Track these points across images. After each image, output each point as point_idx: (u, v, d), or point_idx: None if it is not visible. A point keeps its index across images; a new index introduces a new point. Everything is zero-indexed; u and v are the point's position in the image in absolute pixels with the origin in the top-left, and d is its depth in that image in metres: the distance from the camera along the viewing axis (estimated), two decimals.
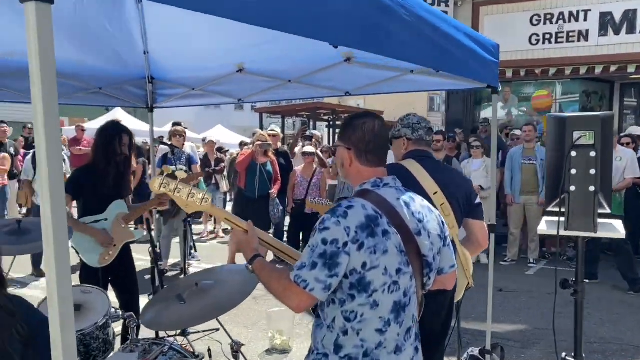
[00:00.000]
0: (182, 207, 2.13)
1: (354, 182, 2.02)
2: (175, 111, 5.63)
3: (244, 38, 4.46)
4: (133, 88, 5.17)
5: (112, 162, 3.73)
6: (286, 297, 1.86)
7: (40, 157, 1.04)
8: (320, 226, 1.82)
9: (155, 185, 2.12)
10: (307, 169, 7.77)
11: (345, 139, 2.00)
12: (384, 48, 2.35)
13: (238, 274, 2.81)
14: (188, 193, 2.10)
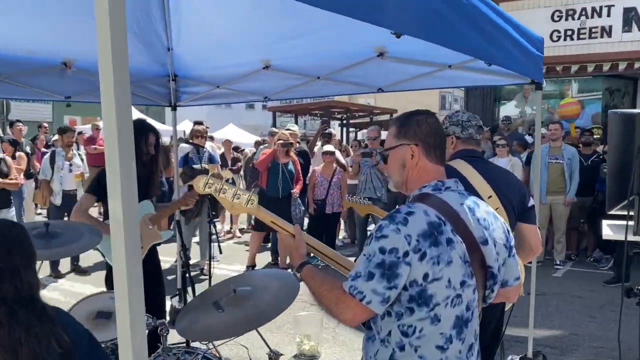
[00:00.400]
0: (227, 208, 1.99)
1: (414, 184, 1.85)
2: (187, 110, 5.48)
3: (271, 33, 4.33)
4: (156, 86, 5.05)
5: (138, 161, 3.59)
6: (339, 309, 1.71)
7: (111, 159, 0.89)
8: (377, 233, 1.67)
9: (200, 184, 1.99)
10: (327, 169, 7.63)
11: (410, 135, 1.84)
12: (444, 37, 2.19)
13: (276, 279, 2.68)
14: (234, 194, 1.96)
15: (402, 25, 1.94)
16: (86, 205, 3.55)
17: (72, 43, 4.09)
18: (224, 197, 1.97)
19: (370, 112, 19.97)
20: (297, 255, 1.94)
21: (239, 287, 2.57)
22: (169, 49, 4.70)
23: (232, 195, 1.96)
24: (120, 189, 0.87)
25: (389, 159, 1.92)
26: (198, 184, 2.00)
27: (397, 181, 1.91)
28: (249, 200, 1.96)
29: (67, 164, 6.98)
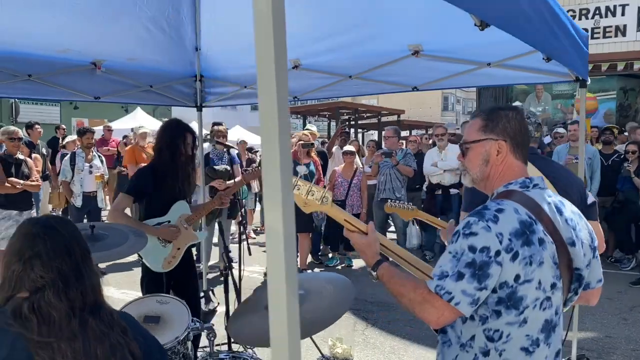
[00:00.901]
0: (300, 205, 1.92)
1: (497, 181, 1.79)
2: (193, 111, 5.40)
3: (302, 32, 4.28)
4: (182, 86, 5.00)
5: (176, 162, 3.54)
6: (424, 310, 1.63)
7: (270, 169, 0.82)
8: (466, 230, 1.60)
9: None
10: (347, 169, 7.56)
11: (499, 131, 1.76)
12: (522, 31, 2.12)
13: (329, 283, 2.61)
14: (307, 191, 1.89)
15: (490, 15, 1.86)
16: (123, 205, 3.49)
17: (102, 43, 4.05)
18: (297, 194, 1.90)
19: (379, 112, 19.90)
20: (370, 253, 1.86)
21: None
22: (197, 48, 4.66)
23: (306, 192, 1.89)
24: (281, 200, 0.80)
25: (469, 152, 1.84)
26: None
27: (476, 177, 1.84)
28: (322, 198, 1.89)
29: (87, 165, 6.93)
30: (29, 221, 1.68)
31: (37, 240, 1.57)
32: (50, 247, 1.57)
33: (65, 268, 1.56)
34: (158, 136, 3.60)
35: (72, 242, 1.62)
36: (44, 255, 1.55)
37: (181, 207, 3.73)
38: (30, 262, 1.54)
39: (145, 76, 4.59)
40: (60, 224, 1.66)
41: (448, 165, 7.54)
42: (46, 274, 1.54)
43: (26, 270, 1.54)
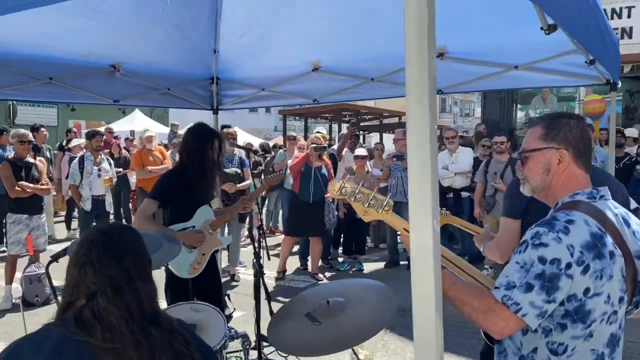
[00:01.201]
0: (360, 214, 1.87)
1: (560, 191, 1.74)
2: (189, 116, 5.34)
3: (322, 34, 4.23)
4: (198, 89, 4.95)
5: (204, 167, 3.48)
6: (488, 319, 1.58)
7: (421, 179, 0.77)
8: (535, 241, 1.55)
9: (335, 188, 1.87)
10: (359, 172, 7.51)
11: (560, 139, 1.72)
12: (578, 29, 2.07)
13: (369, 290, 2.56)
14: (368, 199, 1.84)
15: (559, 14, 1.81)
16: (149, 210, 3.43)
17: (123, 47, 4.01)
18: (358, 203, 1.85)
19: (380, 115, 19.85)
20: None
21: (330, 297, 2.45)
22: (215, 50, 4.61)
23: (367, 200, 1.84)
24: (431, 214, 0.74)
25: (529, 161, 1.80)
26: (333, 187, 1.88)
27: (536, 186, 1.80)
28: (384, 206, 1.84)
29: (96, 169, 6.85)
30: (93, 227, 1.69)
31: (91, 247, 1.56)
32: (102, 253, 1.55)
33: (115, 275, 1.53)
34: (186, 140, 3.53)
35: (124, 250, 1.59)
36: (95, 262, 1.53)
37: (205, 212, 3.67)
38: (84, 268, 1.53)
39: (163, 79, 4.54)
40: (118, 231, 1.65)
41: (459, 168, 7.50)
42: (98, 281, 1.52)
43: (81, 275, 1.53)
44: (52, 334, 1.47)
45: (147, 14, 3.69)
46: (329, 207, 6.88)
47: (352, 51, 4.24)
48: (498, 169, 6.89)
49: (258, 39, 4.40)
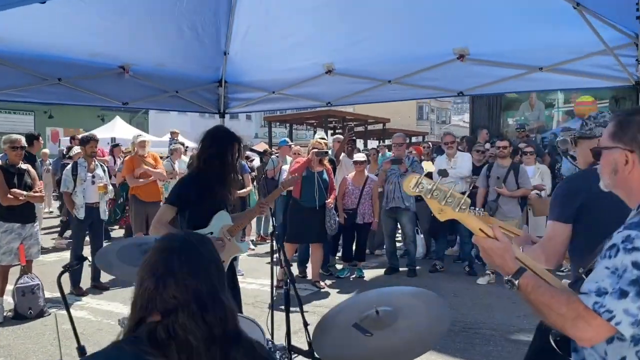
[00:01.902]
0: (435, 212, 1.75)
1: (634, 194, 1.65)
2: (170, 120, 5.20)
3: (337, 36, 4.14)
4: (206, 92, 4.81)
5: (223, 171, 3.34)
6: (576, 327, 1.50)
7: None
8: (628, 245, 1.47)
9: (411, 184, 1.75)
10: (358, 177, 7.41)
11: (627, 140, 1.63)
12: None
13: (416, 298, 2.44)
14: (445, 196, 1.72)
15: None
16: (167, 217, 3.27)
17: (133, 47, 3.86)
18: (434, 200, 1.73)
19: (365, 121, 19.87)
20: (509, 258, 1.69)
21: (378, 306, 2.32)
22: (225, 52, 4.48)
23: (444, 198, 1.73)
24: None
25: (602, 158, 1.73)
26: (409, 184, 1.76)
27: (607, 183, 1.74)
28: (460, 205, 1.72)
29: (90, 175, 6.61)
30: (167, 236, 1.54)
31: (172, 257, 1.41)
32: (186, 265, 1.40)
33: (201, 289, 1.39)
34: (206, 144, 3.37)
35: (208, 260, 1.46)
36: (179, 274, 1.38)
37: (223, 217, 3.52)
38: (164, 280, 1.37)
39: (172, 81, 4.40)
40: (200, 241, 1.50)
41: (459, 173, 7.46)
42: (180, 294, 1.36)
43: (158, 288, 1.37)
44: (124, 353, 1.32)
45: (162, 14, 3.55)
46: (330, 213, 6.77)
47: (368, 53, 4.15)
48: (500, 173, 6.87)
49: (270, 41, 4.29)
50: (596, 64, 3.48)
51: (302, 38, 4.17)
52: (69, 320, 2.70)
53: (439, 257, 7.89)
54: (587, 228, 2.46)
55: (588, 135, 2.69)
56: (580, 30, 3.34)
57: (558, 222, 2.54)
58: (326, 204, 6.72)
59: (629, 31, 3.31)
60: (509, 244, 1.73)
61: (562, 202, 2.54)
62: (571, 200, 2.50)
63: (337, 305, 2.59)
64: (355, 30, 4.06)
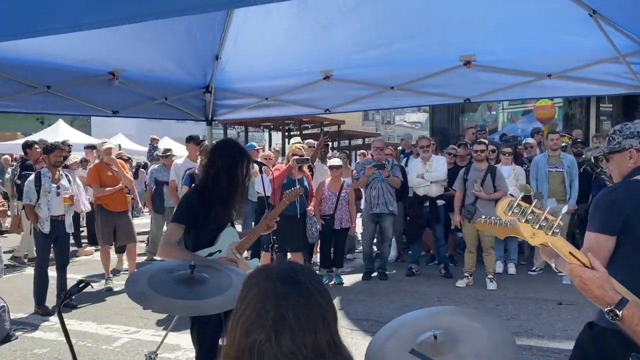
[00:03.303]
0: (527, 237, 1.65)
1: None
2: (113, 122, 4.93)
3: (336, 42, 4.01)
4: (193, 99, 4.55)
5: (232, 188, 3.12)
6: None
7: None
8: None
9: (504, 207, 1.63)
10: (334, 183, 7.29)
11: None
12: None
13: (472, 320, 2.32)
14: (540, 220, 1.62)
15: None
16: (176, 236, 3.03)
17: (123, 51, 3.58)
18: (527, 225, 1.62)
19: (321, 123, 19.78)
20: (610, 288, 1.62)
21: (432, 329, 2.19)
22: (217, 57, 4.25)
23: (537, 222, 1.62)
24: None
25: None
26: (502, 207, 1.63)
27: None
28: (553, 229, 1.62)
29: (54, 186, 6.16)
30: (270, 272, 1.25)
31: (284, 302, 1.17)
32: (304, 313, 1.17)
33: (322, 343, 1.17)
34: (214, 158, 3.13)
35: (323, 303, 1.22)
36: (295, 325, 1.15)
37: (230, 234, 3.31)
38: (276, 334, 1.14)
39: (161, 88, 4.13)
40: (308, 276, 1.24)
41: (435, 177, 7.48)
42: (298, 350, 1.15)
43: (271, 342, 1.14)
44: None
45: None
46: (311, 221, 6.61)
47: (369, 59, 4.03)
48: (478, 176, 6.92)
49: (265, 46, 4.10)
50: (605, 71, 3.50)
51: (300, 44, 4.00)
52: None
53: (415, 261, 7.89)
54: (631, 242, 2.43)
55: (618, 149, 2.66)
56: (589, 38, 3.35)
57: (603, 234, 2.49)
58: (307, 211, 6.56)
59: (638, 39, 3.34)
60: (607, 273, 1.66)
61: (607, 213, 2.49)
62: (618, 211, 2.46)
63: (382, 329, 2.45)
64: (356, 36, 3.93)
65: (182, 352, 4.84)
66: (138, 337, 5.36)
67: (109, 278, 7.20)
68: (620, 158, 2.62)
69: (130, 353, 4.94)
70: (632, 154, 2.58)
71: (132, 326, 5.69)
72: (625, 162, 2.60)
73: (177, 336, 4.86)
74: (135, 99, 3.94)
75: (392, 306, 6.20)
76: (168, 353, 4.75)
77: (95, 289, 6.93)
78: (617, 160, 2.64)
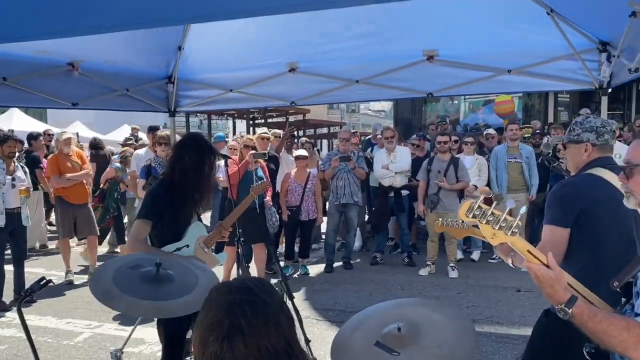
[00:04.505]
0: (488, 237, 1.70)
1: None
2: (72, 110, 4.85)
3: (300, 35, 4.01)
4: (156, 90, 4.48)
5: (198, 184, 3.11)
6: (639, 350, 1.52)
7: None
8: None
9: (465, 209, 1.67)
10: (300, 174, 7.29)
11: None
12: None
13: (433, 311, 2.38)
14: (500, 221, 1.68)
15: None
16: (144, 233, 3.01)
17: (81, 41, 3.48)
18: (487, 226, 1.68)
19: (286, 112, 19.72)
20: (560, 288, 1.70)
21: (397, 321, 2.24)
22: (179, 47, 4.18)
23: (497, 222, 1.68)
24: None
25: (636, 175, 1.75)
26: (464, 208, 1.68)
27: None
28: (512, 229, 1.68)
29: (9, 178, 5.97)
30: (223, 287, 1.33)
31: (236, 309, 1.22)
32: (255, 319, 1.22)
33: (275, 345, 1.22)
34: (181, 154, 3.10)
35: (276, 310, 1.27)
36: (246, 330, 1.20)
37: (198, 228, 3.30)
38: (231, 341, 1.19)
39: (123, 78, 4.06)
40: (261, 287, 1.31)
41: (400, 168, 7.57)
42: (252, 356, 1.19)
43: (223, 350, 1.19)
44: None
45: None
46: (270, 211, 6.58)
47: (335, 52, 4.05)
48: (441, 167, 7.05)
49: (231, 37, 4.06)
50: (562, 67, 3.61)
51: (266, 36, 3.98)
52: None
53: (379, 250, 8.01)
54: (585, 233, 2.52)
55: (576, 140, 2.75)
56: (548, 35, 3.45)
57: (558, 226, 2.57)
58: (265, 202, 6.51)
59: (594, 37, 3.46)
60: (560, 273, 1.73)
61: (563, 205, 2.57)
62: (572, 203, 2.54)
63: (348, 322, 2.49)
64: (322, 30, 3.93)
65: (147, 346, 4.80)
66: (101, 332, 5.28)
67: (70, 271, 7.05)
68: (576, 149, 2.71)
69: (93, 348, 4.86)
70: (588, 148, 2.67)
71: (94, 320, 5.60)
72: (580, 154, 2.69)
73: (141, 330, 4.81)
74: (95, 91, 3.85)
75: (357, 295, 6.29)
76: (132, 347, 4.69)
77: (56, 283, 6.79)
78: (573, 151, 2.73)
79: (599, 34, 3.44)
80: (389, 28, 3.82)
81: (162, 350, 3.13)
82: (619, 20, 2.81)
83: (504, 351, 4.63)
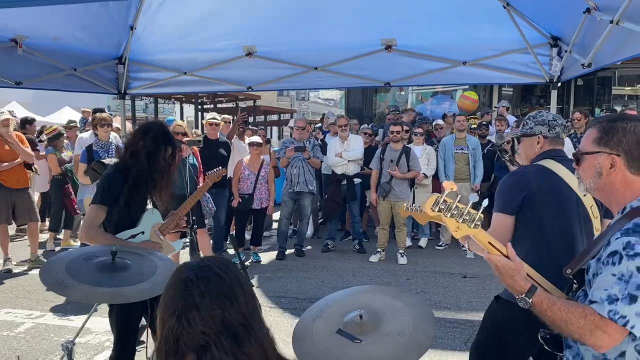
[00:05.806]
0: (452, 230, 1.73)
1: (624, 197, 1.77)
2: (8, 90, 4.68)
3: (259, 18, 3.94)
4: (104, 70, 4.30)
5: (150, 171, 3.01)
6: (594, 337, 1.60)
7: None
8: (630, 252, 1.58)
9: (430, 203, 1.69)
10: (254, 161, 7.20)
11: (613, 144, 1.73)
12: None
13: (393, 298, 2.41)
14: (463, 214, 1.71)
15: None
16: (99, 219, 2.89)
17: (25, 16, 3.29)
18: (452, 219, 1.70)
19: (236, 97, 19.43)
20: (520, 278, 1.76)
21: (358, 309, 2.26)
22: (131, 27, 4.03)
23: (461, 216, 1.71)
24: None
25: (583, 162, 1.82)
26: (428, 204, 1.69)
27: (589, 187, 1.83)
28: (475, 221, 1.72)
29: None
30: (181, 266, 1.35)
31: (190, 285, 1.25)
32: (208, 290, 1.24)
33: (230, 319, 1.24)
34: (137, 138, 3.00)
35: (232, 285, 1.29)
36: (200, 304, 1.22)
37: (153, 215, 3.21)
38: (186, 315, 1.21)
39: (69, 58, 3.86)
40: (218, 264, 1.33)
41: (353, 156, 7.62)
42: (207, 328, 1.21)
43: (182, 325, 1.21)
44: None
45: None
46: (205, 197, 6.44)
47: (294, 37, 4.01)
48: (393, 156, 7.15)
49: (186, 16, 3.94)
50: (515, 61, 3.71)
51: (222, 17, 3.89)
52: None
53: (331, 237, 8.06)
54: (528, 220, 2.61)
55: (529, 133, 2.84)
56: (503, 29, 3.54)
57: (503, 213, 2.65)
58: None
59: (546, 32, 3.57)
60: (520, 264, 1.78)
61: (507, 194, 2.65)
62: (515, 192, 2.63)
63: (309, 309, 2.48)
64: (281, 14, 3.88)
65: (94, 336, 4.65)
66: (44, 322, 5.07)
67: (8, 259, 6.72)
68: (529, 142, 2.81)
69: (35, 339, 4.66)
70: (540, 140, 2.77)
71: (36, 310, 5.37)
72: (533, 146, 2.79)
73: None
74: (41, 70, 3.65)
75: (309, 282, 6.31)
76: (79, 338, 4.52)
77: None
78: (526, 144, 2.83)
79: (552, 29, 3.55)
80: (347, 16, 3.80)
81: (114, 339, 3.03)
82: (572, 15, 2.91)
83: (452, 335, 4.76)
